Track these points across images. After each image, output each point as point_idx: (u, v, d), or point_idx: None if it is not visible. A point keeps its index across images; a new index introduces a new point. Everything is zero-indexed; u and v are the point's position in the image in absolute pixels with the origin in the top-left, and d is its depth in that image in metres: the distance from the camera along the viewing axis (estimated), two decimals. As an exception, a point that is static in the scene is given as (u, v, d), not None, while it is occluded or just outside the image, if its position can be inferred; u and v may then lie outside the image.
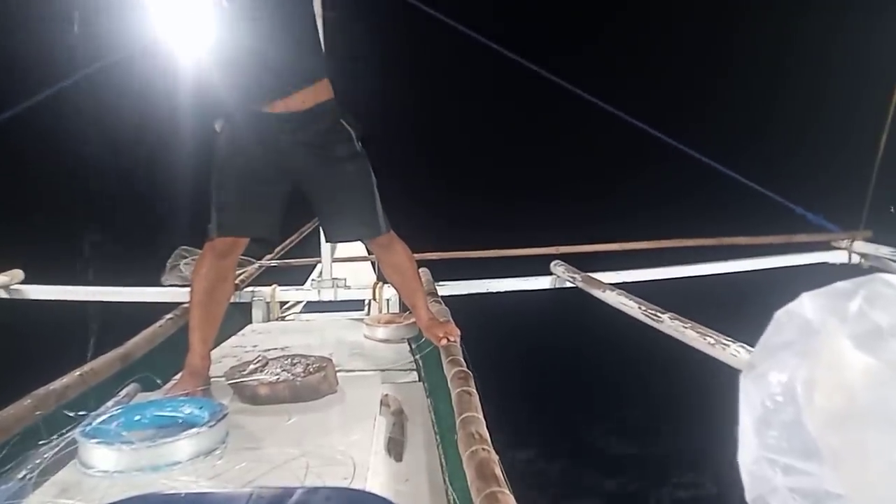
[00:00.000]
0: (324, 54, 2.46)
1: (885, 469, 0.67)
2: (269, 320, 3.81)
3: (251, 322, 3.74)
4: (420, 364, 2.71)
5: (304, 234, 5.36)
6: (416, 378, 2.61)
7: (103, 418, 1.82)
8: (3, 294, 3.73)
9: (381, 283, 3.77)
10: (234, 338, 3.29)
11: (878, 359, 0.69)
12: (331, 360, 2.33)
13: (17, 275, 3.80)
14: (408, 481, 1.74)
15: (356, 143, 2.41)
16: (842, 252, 4.25)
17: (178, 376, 2.34)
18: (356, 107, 2.47)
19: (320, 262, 4.06)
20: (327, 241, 3.71)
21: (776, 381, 0.75)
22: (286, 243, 5.11)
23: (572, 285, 3.59)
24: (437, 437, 1.99)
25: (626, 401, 6.23)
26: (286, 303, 4.19)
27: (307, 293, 4.00)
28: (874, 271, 0.77)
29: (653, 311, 2.48)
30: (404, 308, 3.36)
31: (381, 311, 3.73)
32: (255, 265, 4.14)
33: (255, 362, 2.30)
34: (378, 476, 1.72)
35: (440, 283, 3.73)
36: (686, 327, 2.23)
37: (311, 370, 2.23)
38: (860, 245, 4.21)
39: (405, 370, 2.70)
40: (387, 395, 2.23)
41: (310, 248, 4.52)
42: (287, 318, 4.10)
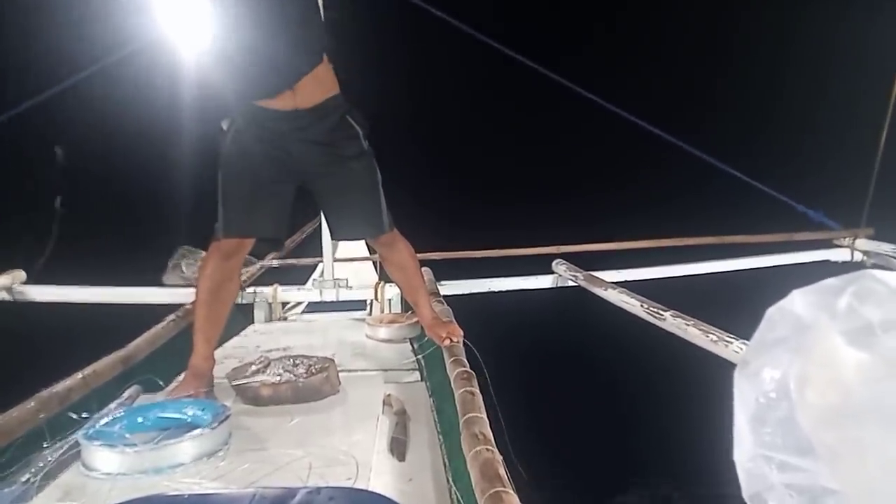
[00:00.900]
0: (324, 37, 2.34)
1: (880, 464, 0.67)
2: (271, 321, 3.82)
3: (253, 322, 3.75)
4: (422, 364, 2.72)
5: (306, 234, 5.37)
6: (419, 378, 2.61)
7: (106, 420, 1.82)
8: (5, 295, 3.74)
9: (382, 283, 3.78)
10: (236, 338, 3.29)
11: (870, 354, 0.69)
12: (333, 360, 2.33)
13: (20, 276, 3.81)
14: (411, 481, 1.75)
15: (363, 140, 2.39)
16: (844, 250, 4.26)
17: (180, 378, 2.34)
18: (358, 105, 2.45)
19: (322, 262, 4.06)
20: (332, 238, 3.71)
21: (769, 377, 0.75)
22: (287, 243, 5.11)
23: (574, 284, 3.60)
24: (440, 436, 2.00)
25: (629, 399, 6.22)
26: (288, 303, 4.19)
27: (309, 293, 4.00)
28: (877, 269, 0.77)
29: (655, 309, 2.48)
30: (406, 308, 3.37)
31: (382, 311, 3.73)
32: (257, 265, 4.14)
33: (257, 363, 2.30)
34: (381, 476, 1.73)
35: (442, 282, 3.73)
36: (688, 325, 2.23)
37: (314, 371, 2.23)
38: (862, 242, 4.21)
39: (407, 370, 2.70)
40: (389, 394, 2.24)
41: (311, 248, 4.52)
42: (289, 318, 4.10)
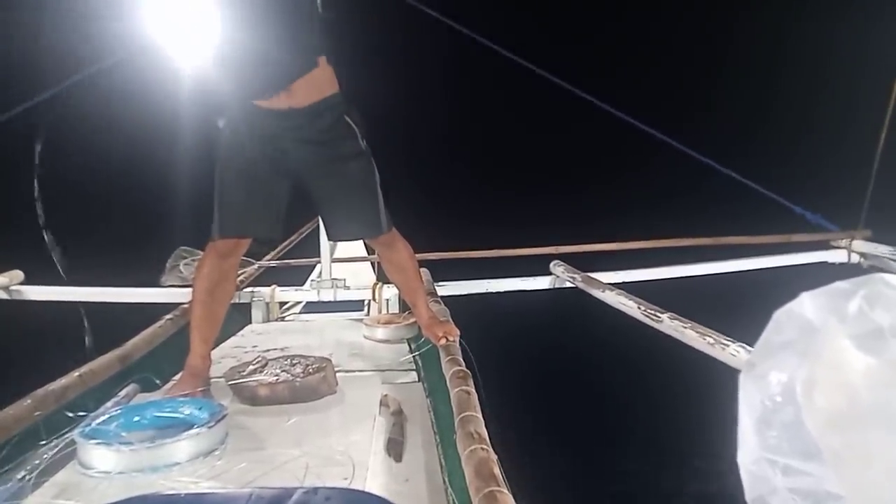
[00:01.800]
0: (322, 36, 2.32)
1: (886, 470, 0.67)
2: (268, 321, 3.81)
3: (250, 322, 3.75)
4: (419, 364, 2.71)
5: (304, 234, 5.36)
6: (416, 378, 2.61)
7: (103, 419, 1.81)
8: (2, 295, 3.73)
9: (380, 284, 3.77)
10: (233, 338, 3.29)
11: (879, 359, 0.69)
12: (330, 360, 2.33)
13: (17, 276, 3.80)
14: (407, 481, 1.75)
15: (360, 140, 2.37)
16: (841, 251, 4.25)
17: (177, 377, 2.34)
18: (359, 104, 2.44)
19: (320, 262, 4.05)
20: (330, 239, 3.71)
21: (776, 380, 0.75)
22: (285, 244, 5.10)
23: (572, 285, 3.59)
24: (437, 436, 1.99)
25: (626, 400, 6.23)
26: (285, 303, 4.19)
27: (306, 294, 4.00)
28: (874, 271, 0.77)
29: (652, 311, 2.48)
30: (404, 308, 3.36)
31: (380, 312, 3.73)
32: (255, 266, 4.14)
33: (254, 363, 2.30)
34: (377, 476, 1.72)
35: (440, 283, 3.73)
36: (685, 327, 2.22)
37: (311, 371, 2.22)
38: (859, 244, 4.20)
39: (404, 370, 2.70)
40: (386, 395, 2.23)
41: (309, 248, 4.51)
42: (286, 318, 4.10)
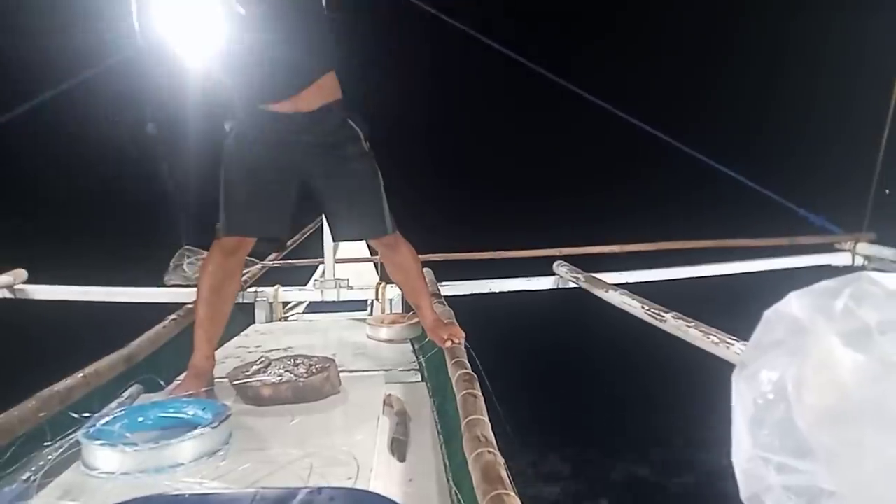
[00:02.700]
0: (333, 47, 2.42)
1: (878, 465, 0.67)
2: (272, 321, 3.82)
3: (254, 322, 3.75)
4: (423, 365, 2.72)
5: (307, 234, 5.37)
6: (420, 378, 2.61)
7: (107, 420, 1.82)
8: (6, 294, 3.75)
9: (384, 284, 3.78)
10: (237, 338, 3.29)
11: (866, 356, 0.70)
12: (334, 360, 2.33)
13: (21, 274, 3.81)
14: (411, 481, 1.75)
15: (363, 143, 2.41)
16: (845, 254, 4.25)
17: (181, 377, 2.34)
18: (362, 107, 2.47)
19: (323, 262, 4.06)
20: (333, 239, 3.71)
21: (767, 379, 0.76)
22: (289, 244, 5.11)
23: (575, 286, 3.59)
24: (441, 437, 2.00)
25: (630, 400, 6.23)
26: (289, 303, 4.20)
27: (310, 294, 4.00)
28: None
29: (656, 311, 2.48)
30: (407, 308, 3.37)
31: (384, 312, 3.73)
32: (258, 266, 4.14)
33: (258, 363, 2.30)
34: (381, 476, 1.72)
35: (443, 283, 3.73)
36: (689, 326, 2.23)
37: (315, 371, 2.23)
38: (863, 247, 4.19)
39: (408, 370, 2.70)
40: (390, 395, 2.24)
41: (313, 248, 4.52)
42: (290, 318, 4.10)
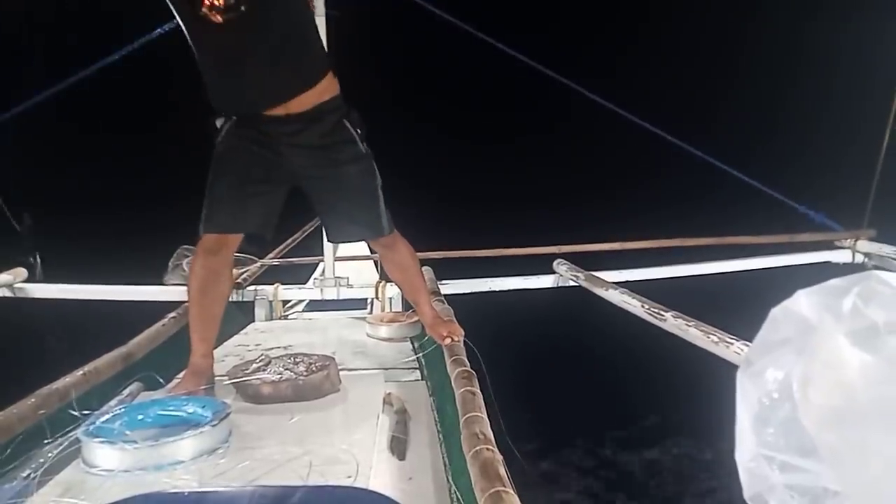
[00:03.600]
0: (324, 53, 2.40)
1: (883, 466, 0.67)
2: (271, 319, 3.81)
3: (254, 321, 3.75)
4: (423, 363, 2.71)
5: (307, 232, 5.36)
6: (419, 377, 2.61)
7: (106, 417, 1.82)
8: (6, 292, 3.74)
9: (383, 282, 3.77)
10: (236, 336, 3.29)
11: (874, 356, 0.69)
12: (333, 358, 2.33)
13: (21, 273, 3.81)
14: (411, 480, 1.75)
15: (360, 143, 2.36)
16: (845, 251, 4.24)
17: (181, 375, 2.34)
18: (357, 106, 2.43)
19: (323, 260, 4.06)
20: (329, 241, 3.72)
21: (773, 378, 0.75)
22: (288, 242, 5.11)
23: (575, 284, 3.59)
24: (440, 435, 2.00)
25: (630, 399, 6.23)
26: (289, 301, 4.19)
27: (310, 292, 4.00)
28: (879, 270, 0.77)
29: (656, 310, 2.48)
30: (407, 306, 3.36)
31: (383, 310, 3.73)
32: (258, 264, 4.14)
33: (257, 361, 2.29)
34: (381, 475, 1.73)
35: (443, 281, 3.72)
36: (689, 325, 2.22)
37: (314, 369, 2.22)
38: (864, 244, 4.19)
39: (408, 369, 2.70)
40: (389, 393, 2.24)
41: (312, 246, 4.52)
42: (290, 316, 4.10)
